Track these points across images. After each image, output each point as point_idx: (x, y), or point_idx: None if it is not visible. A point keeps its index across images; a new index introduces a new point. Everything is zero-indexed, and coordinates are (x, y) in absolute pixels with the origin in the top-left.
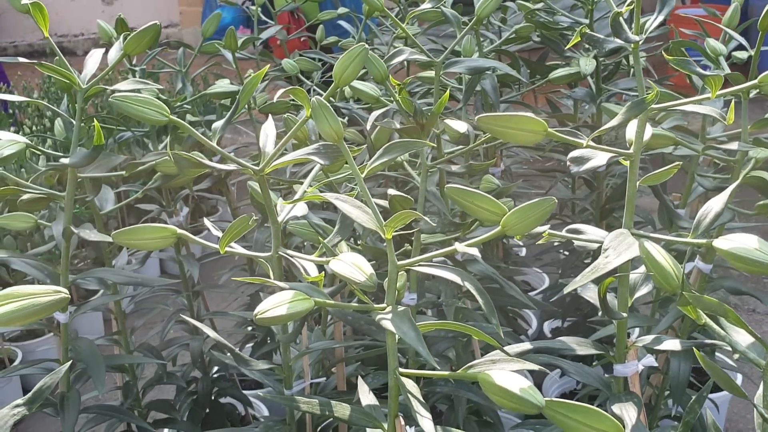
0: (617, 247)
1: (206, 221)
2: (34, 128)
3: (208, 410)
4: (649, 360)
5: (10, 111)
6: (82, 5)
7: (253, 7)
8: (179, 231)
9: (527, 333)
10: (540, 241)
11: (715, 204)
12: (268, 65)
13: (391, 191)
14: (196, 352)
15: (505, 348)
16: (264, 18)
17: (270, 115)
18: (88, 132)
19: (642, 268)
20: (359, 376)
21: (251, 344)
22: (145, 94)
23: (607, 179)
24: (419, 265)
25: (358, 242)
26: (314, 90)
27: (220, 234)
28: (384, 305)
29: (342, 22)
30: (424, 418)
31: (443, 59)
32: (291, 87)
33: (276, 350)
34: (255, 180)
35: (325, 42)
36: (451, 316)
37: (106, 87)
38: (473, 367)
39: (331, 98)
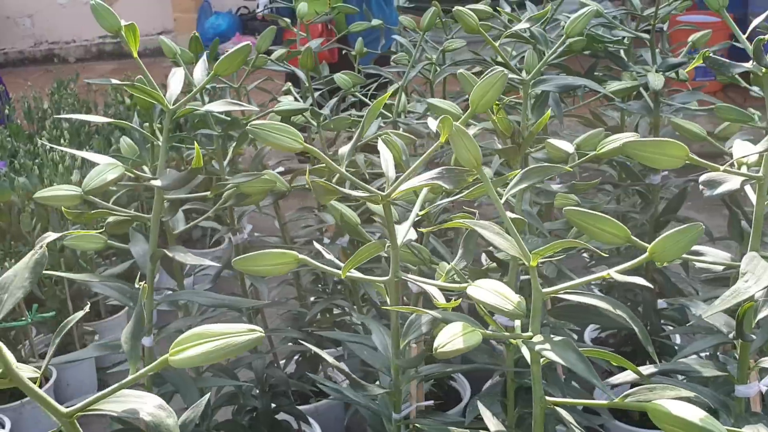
0: (755, 270)
1: (319, 246)
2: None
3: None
4: None
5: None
6: (72, 12)
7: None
8: (300, 256)
9: None
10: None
11: None
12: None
13: (510, 214)
14: (259, 371)
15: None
16: (294, 29)
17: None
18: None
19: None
20: (479, 403)
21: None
22: (277, 123)
23: (661, 191)
24: (565, 293)
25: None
26: (361, 102)
27: (331, 257)
28: (529, 333)
29: (396, 37)
30: None
31: (531, 77)
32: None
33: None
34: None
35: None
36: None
37: (197, 107)
38: (631, 396)
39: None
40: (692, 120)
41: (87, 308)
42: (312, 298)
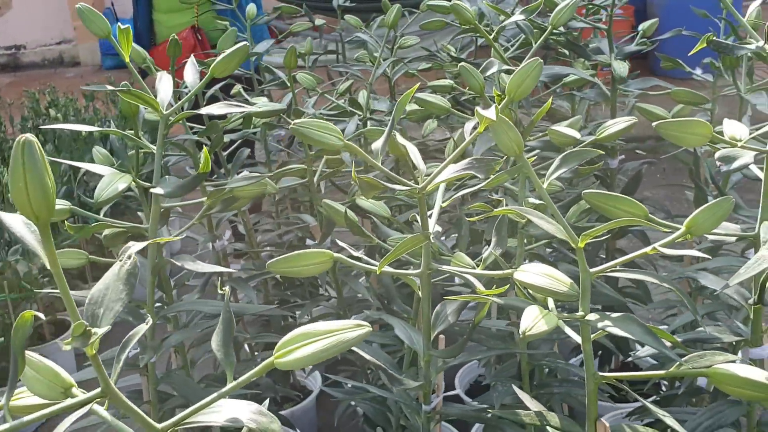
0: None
1: (347, 248)
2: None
3: None
4: None
5: None
6: None
7: None
8: (335, 255)
9: None
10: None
11: None
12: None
13: (532, 199)
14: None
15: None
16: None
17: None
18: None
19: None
20: (514, 386)
21: None
22: (318, 121)
23: (618, 175)
24: (611, 271)
25: None
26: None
27: (361, 254)
28: (582, 313)
29: (360, 35)
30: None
31: (502, 70)
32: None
33: None
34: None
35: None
36: None
37: (197, 112)
38: (684, 365)
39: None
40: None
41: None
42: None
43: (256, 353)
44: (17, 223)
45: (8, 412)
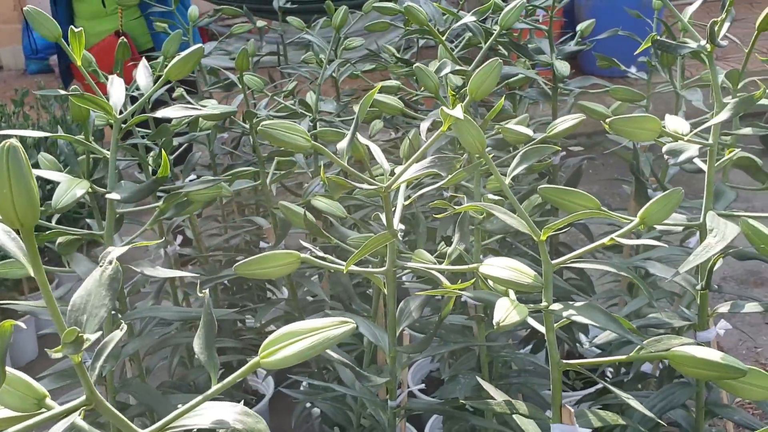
0: (718, 227)
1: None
2: None
3: None
4: (724, 324)
5: None
6: None
7: None
8: (302, 255)
9: None
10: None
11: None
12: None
13: (491, 195)
14: (202, 385)
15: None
16: None
17: None
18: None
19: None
20: (478, 377)
21: None
22: (285, 122)
23: (561, 170)
24: (571, 262)
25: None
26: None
27: (328, 255)
28: (545, 304)
29: (307, 36)
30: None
31: (473, 69)
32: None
33: None
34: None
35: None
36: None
37: (153, 115)
38: (644, 350)
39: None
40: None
41: (123, 327)
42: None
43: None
44: None
45: None
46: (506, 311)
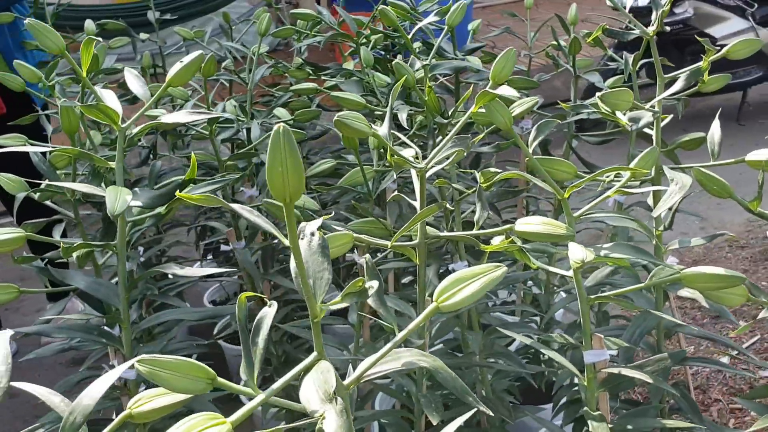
0: (676, 176)
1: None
2: None
3: None
4: (673, 260)
5: None
6: None
7: None
8: (355, 235)
9: None
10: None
11: None
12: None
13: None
14: None
15: None
16: None
17: None
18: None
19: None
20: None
21: None
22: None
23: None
24: (587, 213)
25: None
26: None
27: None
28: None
29: (229, 44)
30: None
31: (429, 62)
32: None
33: None
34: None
35: None
36: None
37: (165, 120)
38: (655, 278)
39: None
40: None
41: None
42: None
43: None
44: (247, 211)
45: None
46: (583, 251)
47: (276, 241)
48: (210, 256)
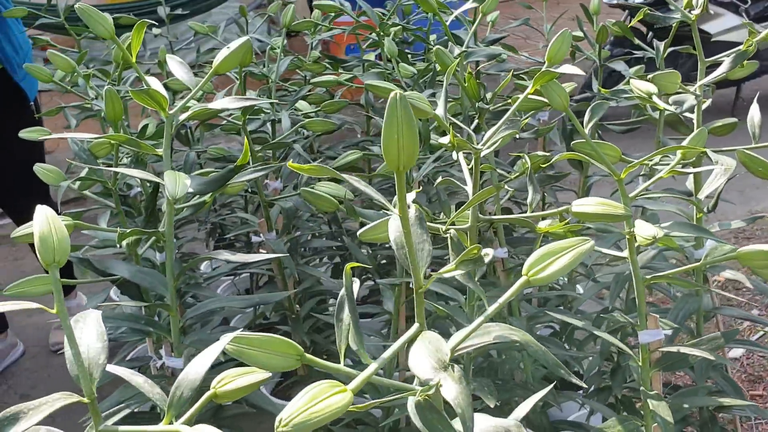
0: (721, 158)
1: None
2: None
3: None
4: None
5: None
6: None
7: None
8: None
9: None
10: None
11: None
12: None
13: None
14: None
15: None
16: None
17: None
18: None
19: None
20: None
21: None
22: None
23: None
24: (641, 196)
25: None
26: None
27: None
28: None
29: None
30: None
31: (463, 51)
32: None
33: None
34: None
35: None
36: None
37: (212, 106)
38: (710, 257)
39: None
40: None
41: None
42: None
43: None
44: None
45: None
46: (651, 227)
47: (299, 233)
48: None
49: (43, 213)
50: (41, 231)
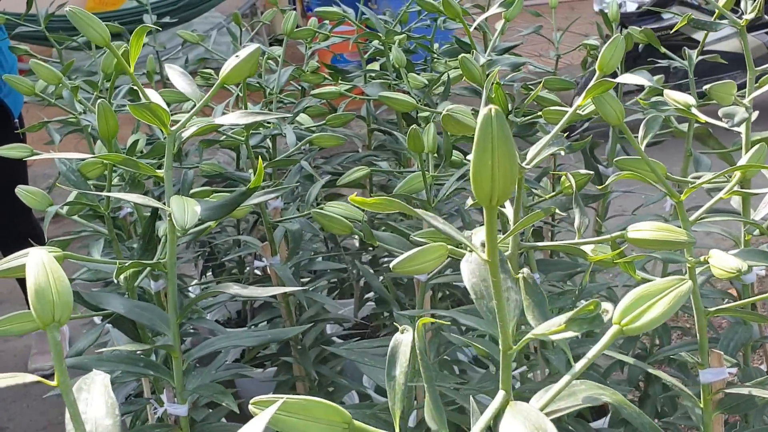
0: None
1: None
2: None
3: None
4: None
5: None
6: None
7: None
8: (449, 247)
9: None
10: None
11: None
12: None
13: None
14: None
15: None
16: None
17: None
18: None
19: None
20: None
21: None
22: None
23: None
24: (702, 218)
25: None
26: None
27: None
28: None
29: None
30: None
31: (487, 60)
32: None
33: None
34: None
35: None
36: None
37: (220, 122)
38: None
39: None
40: None
41: None
42: None
43: None
44: (439, 222)
45: None
46: (734, 259)
47: (299, 253)
48: (209, 273)
49: (39, 259)
50: (37, 282)
